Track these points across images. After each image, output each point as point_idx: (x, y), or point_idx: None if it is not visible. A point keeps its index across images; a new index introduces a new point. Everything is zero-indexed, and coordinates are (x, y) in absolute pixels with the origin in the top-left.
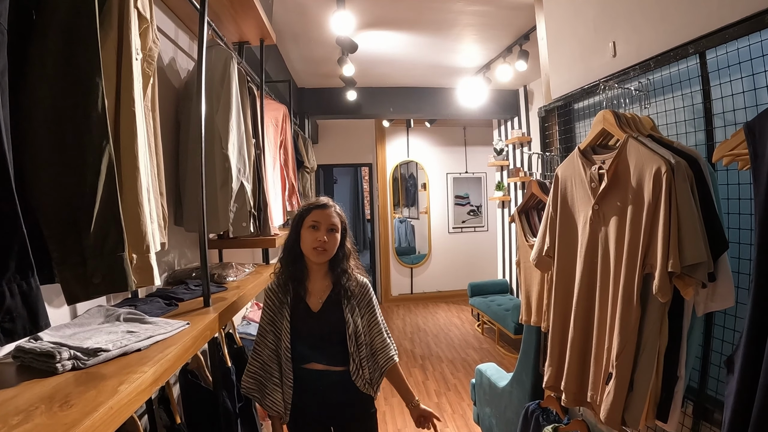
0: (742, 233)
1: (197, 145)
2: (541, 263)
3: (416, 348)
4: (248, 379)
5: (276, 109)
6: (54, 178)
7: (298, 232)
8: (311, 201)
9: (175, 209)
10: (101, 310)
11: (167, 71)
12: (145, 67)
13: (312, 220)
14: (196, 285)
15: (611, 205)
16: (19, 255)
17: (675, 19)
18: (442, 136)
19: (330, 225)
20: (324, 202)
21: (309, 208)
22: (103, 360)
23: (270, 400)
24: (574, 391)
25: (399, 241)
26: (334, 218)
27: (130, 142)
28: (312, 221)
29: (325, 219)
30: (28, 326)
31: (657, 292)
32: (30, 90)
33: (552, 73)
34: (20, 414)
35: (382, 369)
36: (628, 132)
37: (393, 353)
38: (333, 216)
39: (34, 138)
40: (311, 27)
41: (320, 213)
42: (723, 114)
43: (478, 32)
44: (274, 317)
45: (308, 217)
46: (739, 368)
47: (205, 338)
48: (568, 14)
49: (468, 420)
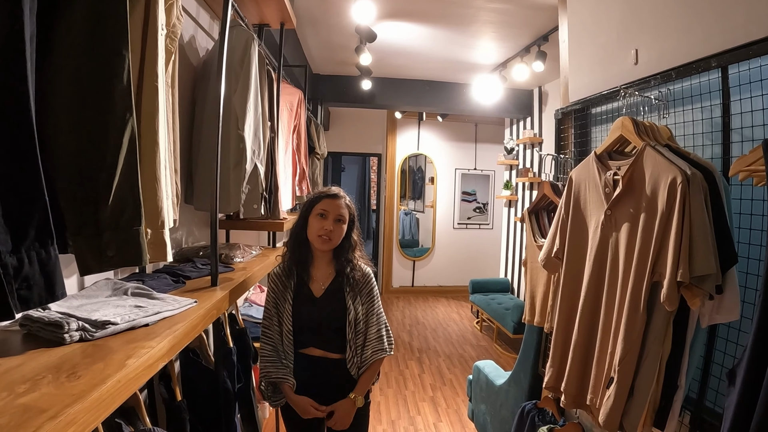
0: (752, 248)
1: (213, 124)
2: (549, 264)
3: (414, 341)
4: (265, 363)
5: (291, 93)
6: (76, 149)
7: (306, 218)
8: (323, 189)
9: (185, 187)
10: (109, 283)
11: (186, 49)
12: (168, 43)
13: (321, 208)
14: (204, 263)
15: (624, 212)
16: (39, 223)
17: (699, 32)
18: (453, 132)
19: (338, 215)
20: (335, 192)
21: (320, 197)
22: (110, 333)
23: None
24: (574, 394)
25: (403, 233)
26: (342, 209)
27: (152, 116)
28: (321, 209)
29: (334, 209)
30: (44, 295)
31: (664, 300)
32: (56, 59)
33: (571, 76)
34: (27, 382)
35: (367, 361)
36: (645, 140)
37: (382, 349)
38: (342, 207)
39: (58, 108)
40: (331, 14)
41: (330, 202)
42: (741, 129)
43: (498, 30)
44: (278, 301)
45: (318, 205)
46: (740, 381)
47: (212, 317)
48: (592, 19)
49: (462, 416)
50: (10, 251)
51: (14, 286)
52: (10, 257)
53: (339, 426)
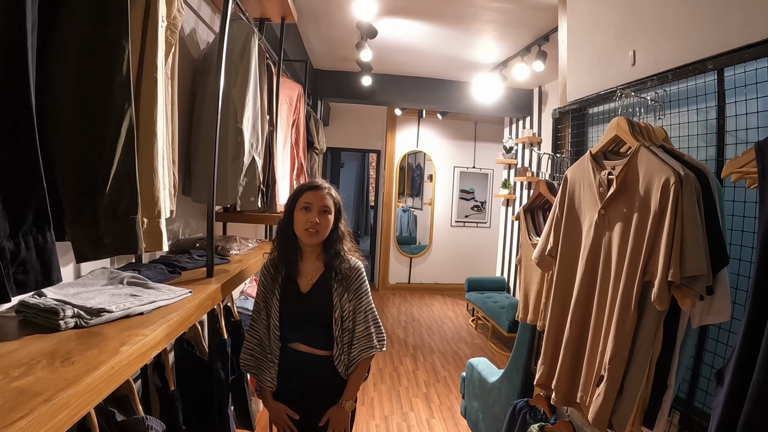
0: (743, 250)
1: (212, 116)
2: (543, 262)
3: (409, 337)
4: (246, 356)
5: (291, 88)
6: (75, 137)
7: (291, 213)
8: (305, 182)
9: (183, 179)
10: (105, 272)
11: (187, 42)
12: (169, 35)
13: (304, 201)
14: (200, 255)
15: (617, 211)
16: (37, 209)
17: (696, 35)
18: (452, 130)
19: (322, 206)
20: (317, 184)
21: (302, 189)
22: (105, 320)
23: (268, 376)
24: (564, 391)
25: (400, 230)
26: (326, 200)
27: (150, 107)
28: (304, 203)
29: (318, 200)
30: (40, 279)
31: (655, 299)
32: (56, 49)
33: (569, 76)
34: (21, 367)
35: (354, 360)
36: (640, 140)
37: (370, 347)
38: (325, 198)
39: (58, 97)
40: (332, 9)
41: (312, 194)
42: (735, 132)
43: (499, 29)
44: (266, 295)
45: (301, 198)
46: (728, 381)
47: (206, 308)
48: (591, 20)
49: (455, 413)
50: (8, 236)
51: (11, 270)
52: (7, 242)
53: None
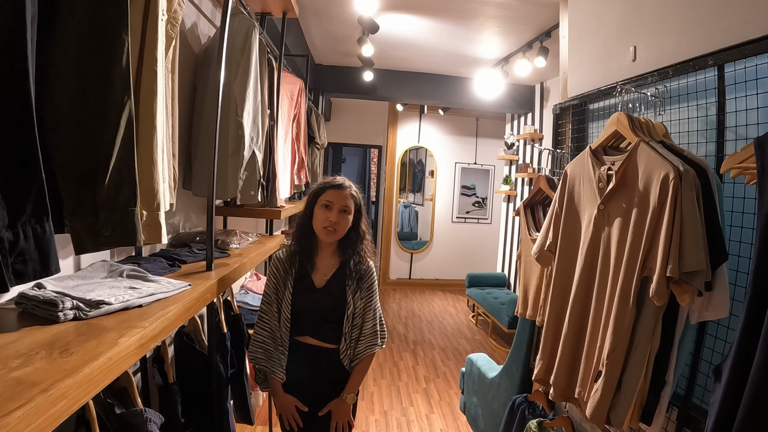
0: (742, 246)
1: (212, 110)
2: (542, 258)
3: (409, 333)
4: (256, 348)
5: (292, 82)
6: (74, 129)
7: (311, 209)
8: (327, 179)
9: (184, 173)
10: (105, 264)
11: (188, 35)
12: (169, 28)
13: (326, 199)
14: (200, 249)
15: (617, 206)
16: (36, 199)
17: (697, 31)
18: (454, 125)
19: (343, 206)
20: (340, 182)
21: (324, 187)
22: (104, 313)
23: (280, 368)
24: (563, 386)
25: (402, 225)
26: (347, 199)
27: (150, 100)
28: (325, 200)
29: (339, 200)
30: (38, 269)
31: (653, 295)
32: (57, 41)
33: (570, 72)
34: (20, 357)
35: (359, 355)
36: (640, 136)
37: (375, 344)
38: (347, 197)
39: (58, 89)
40: (334, 4)
41: (334, 193)
42: (735, 128)
43: (501, 25)
44: (278, 287)
45: (323, 195)
46: (726, 377)
47: (205, 301)
48: (592, 16)
49: (454, 408)
50: (6, 226)
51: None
52: (6, 231)
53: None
